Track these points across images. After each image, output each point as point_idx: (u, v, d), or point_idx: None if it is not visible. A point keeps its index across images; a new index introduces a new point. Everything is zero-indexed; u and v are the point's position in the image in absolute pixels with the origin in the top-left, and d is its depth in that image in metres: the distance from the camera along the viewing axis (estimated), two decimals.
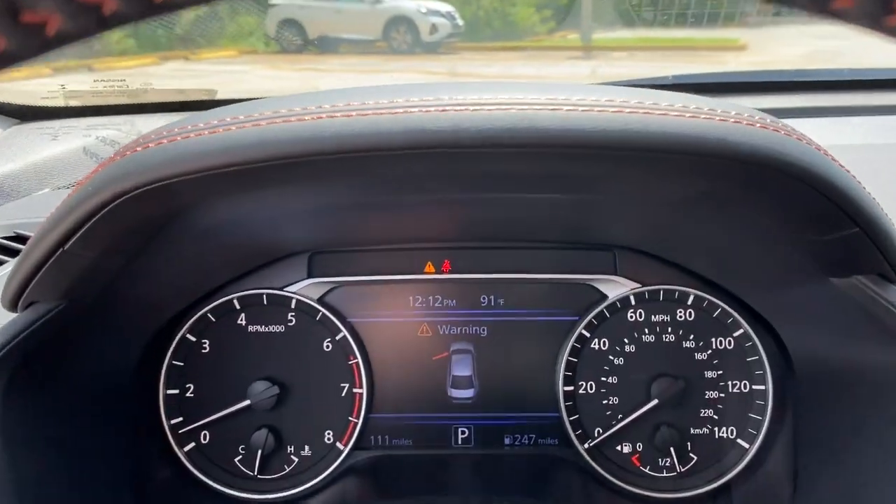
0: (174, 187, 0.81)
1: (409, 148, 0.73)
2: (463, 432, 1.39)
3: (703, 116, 0.77)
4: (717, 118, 0.78)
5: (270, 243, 1.31)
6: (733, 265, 1.23)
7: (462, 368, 1.39)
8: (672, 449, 1.31)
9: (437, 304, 1.40)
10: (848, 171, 0.84)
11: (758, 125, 0.79)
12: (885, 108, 1.83)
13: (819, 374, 1.18)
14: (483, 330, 1.40)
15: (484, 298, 1.40)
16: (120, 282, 1.04)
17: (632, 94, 0.81)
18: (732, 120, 0.78)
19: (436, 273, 1.38)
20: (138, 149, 0.82)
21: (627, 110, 0.76)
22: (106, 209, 0.82)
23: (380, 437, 1.39)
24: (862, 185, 0.86)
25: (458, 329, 1.40)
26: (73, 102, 1.80)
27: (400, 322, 1.40)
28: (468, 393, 1.39)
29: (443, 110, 0.75)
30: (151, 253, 1.02)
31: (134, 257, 1.00)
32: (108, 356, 1.19)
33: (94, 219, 0.83)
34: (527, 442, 1.39)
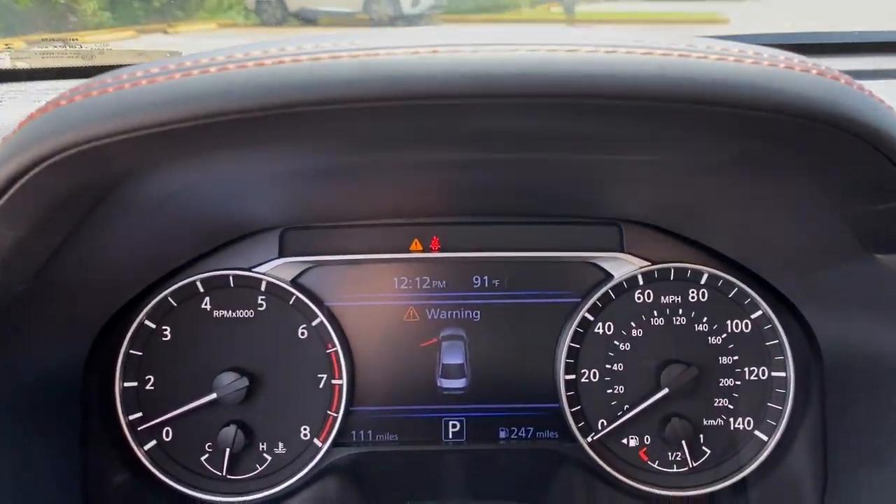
0: (106, 150, 0.66)
1: (392, 98, 0.59)
2: (454, 426, 1.26)
3: (748, 61, 0.64)
4: (766, 62, 0.64)
5: (236, 218, 1.17)
6: (760, 240, 1.10)
7: (453, 356, 1.26)
8: (683, 442, 1.20)
9: (424, 286, 1.27)
10: None
11: (813, 72, 0.65)
12: None
13: (851, 362, 1.06)
14: (476, 314, 1.27)
15: (476, 279, 1.27)
16: (58, 264, 0.89)
17: (659, 35, 0.67)
18: (783, 65, 0.65)
19: (423, 251, 1.24)
20: (63, 102, 0.67)
21: (659, 52, 0.62)
22: (24, 178, 0.68)
23: (362, 432, 1.26)
24: None
25: (449, 313, 1.27)
26: (21, 65, 1.63)
27: (383, 306, 1.26)
28: (459, 383, 1.26)
29: (434, 51, 0.60)
30: (93, 230, 0.87)
31: (72, 235, 0.86)
32: (52, 347, 1.04)
33: (11, 191, 0.69)
34: (524, 435, 1.27)
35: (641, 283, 1.23)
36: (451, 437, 1.26)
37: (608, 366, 1.23)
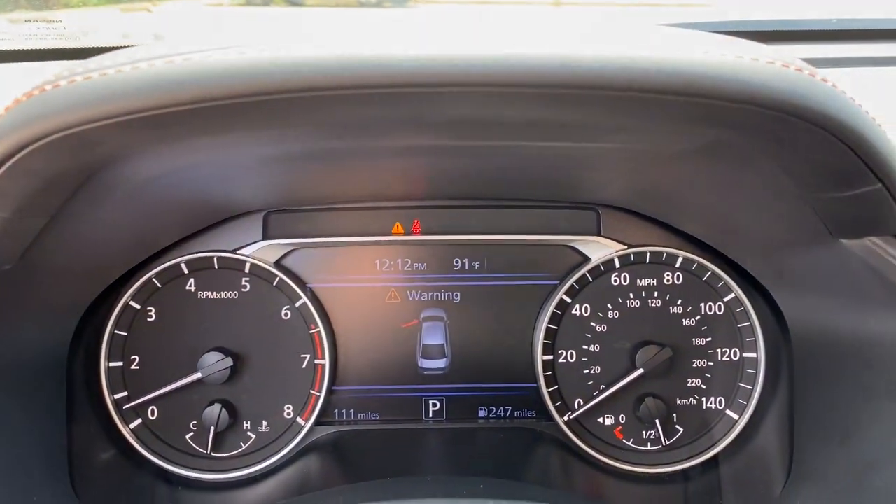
0: (90, 135, 0.68)
1: (366, 87, 0.60)
2: (434, 405, 1.29)
3: (716, 53, 0.66)
4: (734, 54, 0.66)
5: (220, 201, 1.18)
6: (731, 225, 1.13)
7: (433, 337, 1.29)
8: (657, 421, 1.23)
9: (406, 268, 1.29)
10: (876, 123, 0.73)
11: (778, 64, 0.68)
12: None
13: (818, 343, 1.09)
14: (456, 295, 1.29)
15: (457, 262, 1.29)
16: (44, 245, 0.90)
17: (628, 26, 0.69)
18: (750, 58, 0.67)
19: (405, 234, 1.27)
20: (47, 87, 0.69)
21: (632, 45, 0.64)
22: (10, 161, 0.69)
23: (344, 411, 1.29)
24: (889, 138, 0.75)
25: (429, 295, 1.29)
26: (3, 46, 1.62)
27: (365, 287, 1.29)
28: (440, 363, 1.29)
29: (406, 44, 0.62)
30: (77, 212, 0.88)
31: (56, 217, 0.87)
32: (37, 326, 1.06)
33: None
34: (502, 415, 1.30)
35: (618, 266, 1.25)
36: (431, 415, 1.29)
37: (585, 347, 1.26)
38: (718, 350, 1.25)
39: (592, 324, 1.26)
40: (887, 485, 0.90)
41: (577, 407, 1.26)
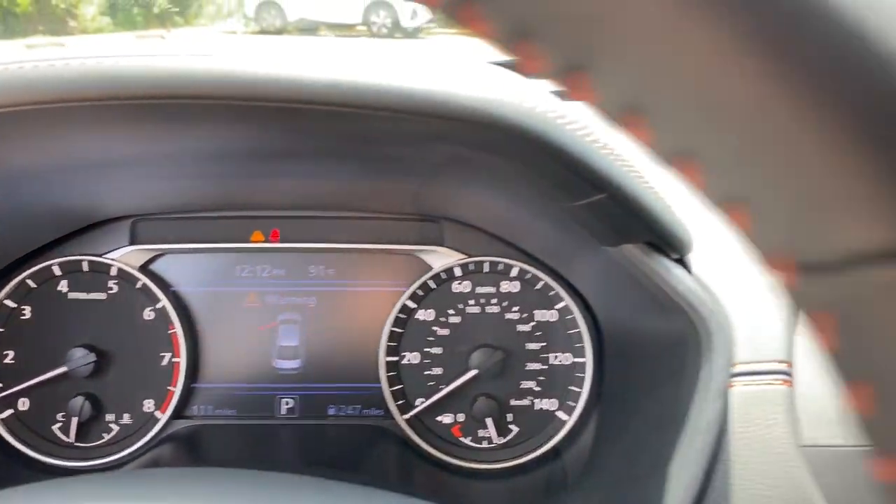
0: None
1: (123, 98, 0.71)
2: (287, 403, 1.38)
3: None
4: (443, 71, 0.76)
5: (84, 206, 1.28)
6: (535, 236, 1.22)
7: (289, 339, 1.38)
8: (490, 420, 1.31)
9: (264, 274, 1.38)
10: (585, 138, 0.82)
11: (488, 89, 0.77)
12: None
13: (621, 343, 1.18)
14: (311, 300, 1.38)
15: (313, 269, 1.38)
16: None
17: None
18: (453, 83, 0.77)
19: (264, 241, 1.36)
20: None
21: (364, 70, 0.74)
22: None
23: (203, 406, 1.38)
24: (610, 151, 0.84)
25: (286, 299, 1.38)
26: None
27: (226, 291, 1.38)
28: (294, 363, 1.38)
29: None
30: None
31: None
32: None
33: None
34: (352, 413, 1.38)
35: (459, 274, 1.34)
36: (284, 412, 1.38)
37: (427, 349, 1.34)
38: (551, 354, 1.33)
39: (434, 328, 1.35)
40: (648, 462, 0.98)
41: (417, 405, 1.34)
